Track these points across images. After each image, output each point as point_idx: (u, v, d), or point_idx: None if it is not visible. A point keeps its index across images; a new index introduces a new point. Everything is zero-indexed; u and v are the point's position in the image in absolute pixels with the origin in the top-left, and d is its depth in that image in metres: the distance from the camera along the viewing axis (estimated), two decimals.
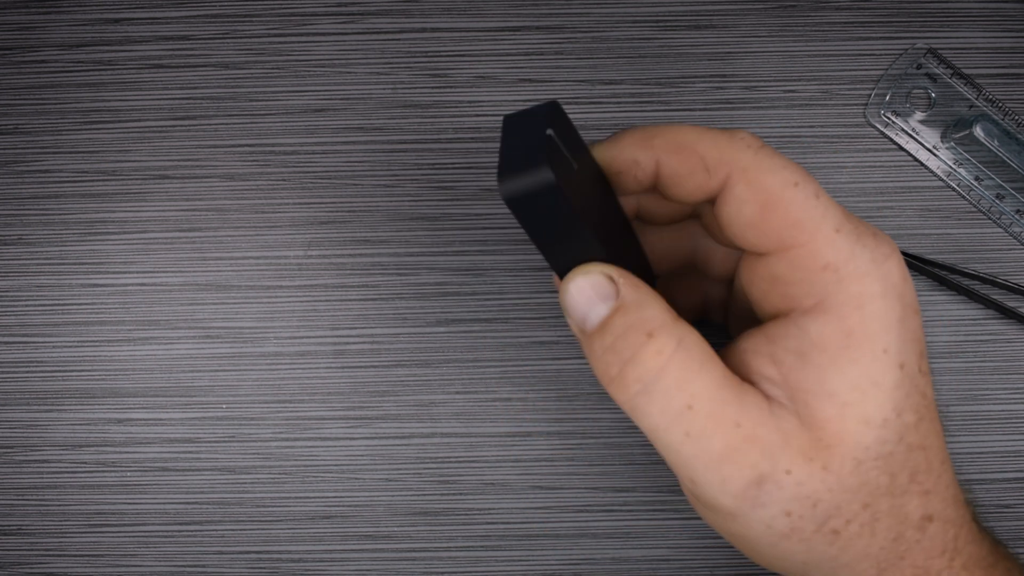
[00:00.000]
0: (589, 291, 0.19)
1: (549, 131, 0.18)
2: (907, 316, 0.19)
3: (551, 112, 0.19)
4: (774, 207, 0.19)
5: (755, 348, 0.20)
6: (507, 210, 0.30)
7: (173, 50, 0.30)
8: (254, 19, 0.30)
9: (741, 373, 0.20)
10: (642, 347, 0.19)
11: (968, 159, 0.30)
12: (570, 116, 0.30)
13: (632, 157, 0.20)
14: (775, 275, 0.19)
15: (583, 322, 0.20)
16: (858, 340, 0.18)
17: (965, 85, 0.30)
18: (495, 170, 0.30)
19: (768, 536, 0.19)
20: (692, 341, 0.19)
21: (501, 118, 0.30)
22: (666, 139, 0.20)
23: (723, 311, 0.26)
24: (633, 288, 0.19)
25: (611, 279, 0.19)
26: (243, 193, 0.30)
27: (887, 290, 0.18)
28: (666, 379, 0.19)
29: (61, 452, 0.30)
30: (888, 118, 0.30)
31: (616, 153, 0.21)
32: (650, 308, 0.19)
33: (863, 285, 0.18)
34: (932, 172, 0.30)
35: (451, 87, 0.30)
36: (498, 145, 0.30)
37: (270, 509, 0.30)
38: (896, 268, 0.19)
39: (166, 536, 0.30)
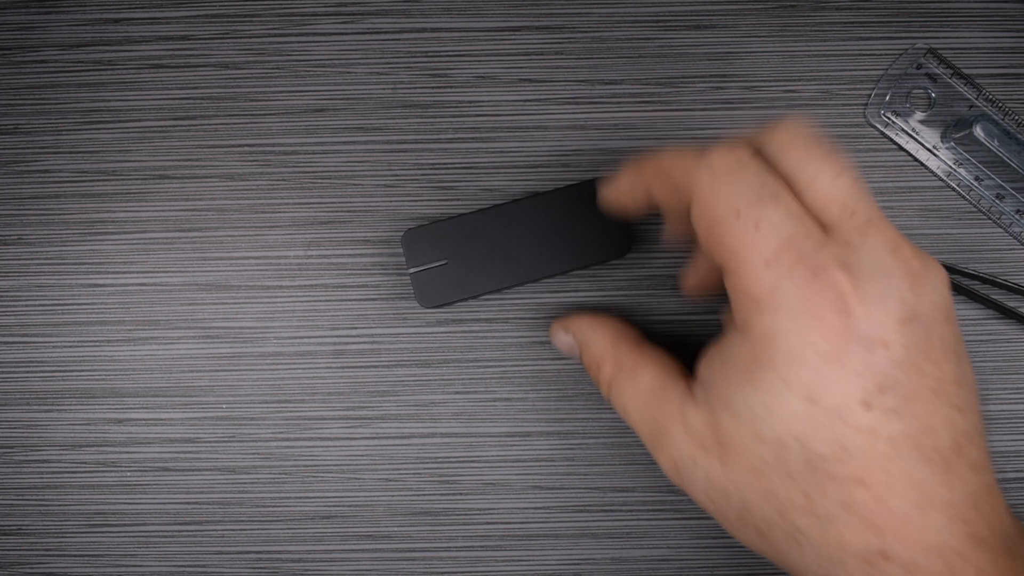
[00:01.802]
0: (561, 346, 0.28)
1: (411, 270, 0.28)
2: (843, 351, 0.19)
3: (406, 246, 0.28)
4: (716, 233, 0.21)
5: (707, 351, 0.23)
6: None
7: (173, 50, 0.30)
8: (254, 19, 0.30)
9: (698, 371, 0.23)
10: (598, 373, 0.26)
11: (968, 159, 0.30)
12: (569, 115, 0.30)
13: (628, 190, 0.25)
14: (727, 289, 0.22)
15: (572, 357, 0.29)
16: (761, 368, 0.20)
17: (965, 85, 0.30)
18: (495, 170, 0.30)
19: (711, 514, 0.23)
20: (626, 360, 0.25)
21: (501, 119, 0.30)
22: (651, 166, 0.23)
23: None
24: (581, 332, 0.27)
25: (567, 331, 0.27)
26: (243, 193, 0.30)
27: (805, 326, 0.19)
28: (613, 391, 0.25)
29: (61, 452, 0.30)
30: (888, 118, 0.30)
31: (615, 190, 0.25)
32: (595, 345, 0.26)
33: (777, 320, 0.19)
34: (932, 172, 0.30)
35: (451, 87, 0.30)
36: (498, 145, 0.30)
37: (270, 509, 0.30)
38: (828, 304, 0.19)
39: (166, 536, 0.30)
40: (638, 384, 0.24)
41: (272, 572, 0.30)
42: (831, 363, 0.19)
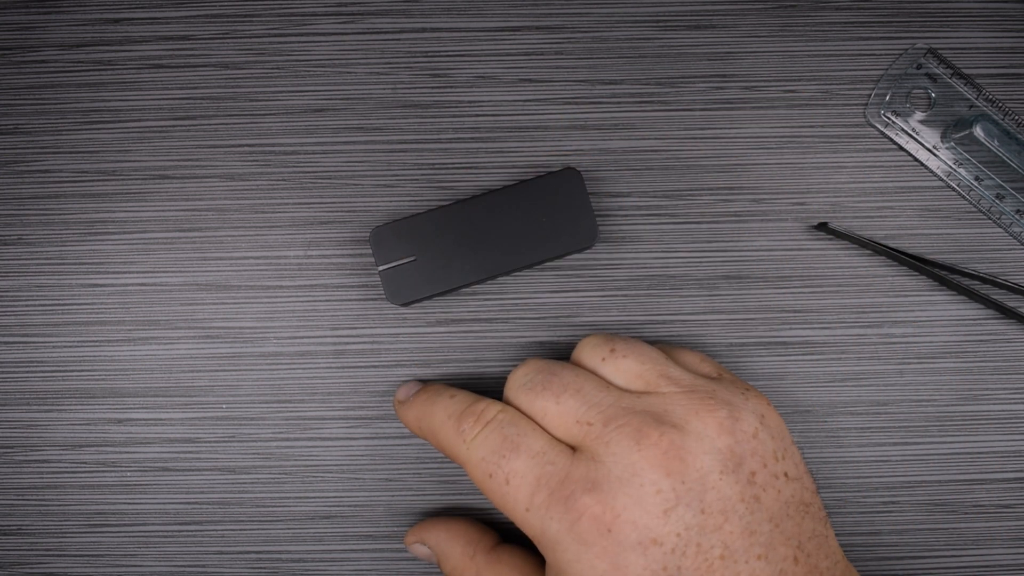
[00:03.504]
0: (419, 556, 0.29)
1: (380, 268, 0.28)
2: (620, 563, 0.20)
3: (374, 244, 0.28)
4: (486, 493, 0.23)
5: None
6: None
7: (173, 50, 0.30)
8: (254, 19, 0.30)
9: None
10: None
11: (968, 159, 0.30)
12: (569, 115, 0.30)
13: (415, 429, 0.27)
14: None
15: (431, 564, 0.30)
16: None
17: (965, 85, 0.30)
18: (495, 170, 0.30)
19: None
20: (486, 570, 0.26)
21: (501, 119, 0.30)
22: (425, 421, 0.26)
23: None
24: (437, 545, 0.28)
25: (423, 543, 0.28)
26: (243, 193, 0.30)
27: (580, 552, 0.20)
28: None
29: (61, 452, 0.30)
30: (888, 118, 0.30)
31: (406, 417, 0.27)
32: (451, 559, 0.27)
33: (556, 553, 0.21)
34: (932, 172, 0.30)
35: (451, 87, 0.30)
36: (498, 145, 0.30)
37: (270, 509, 0.30)
38: (589, 527, 0.20)
39: (166, 536, 0.30)
40: None
41: (272, 572, 0.30)
42: (617, 570, 0.20)
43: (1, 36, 0.30)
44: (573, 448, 0.22)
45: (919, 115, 0.30)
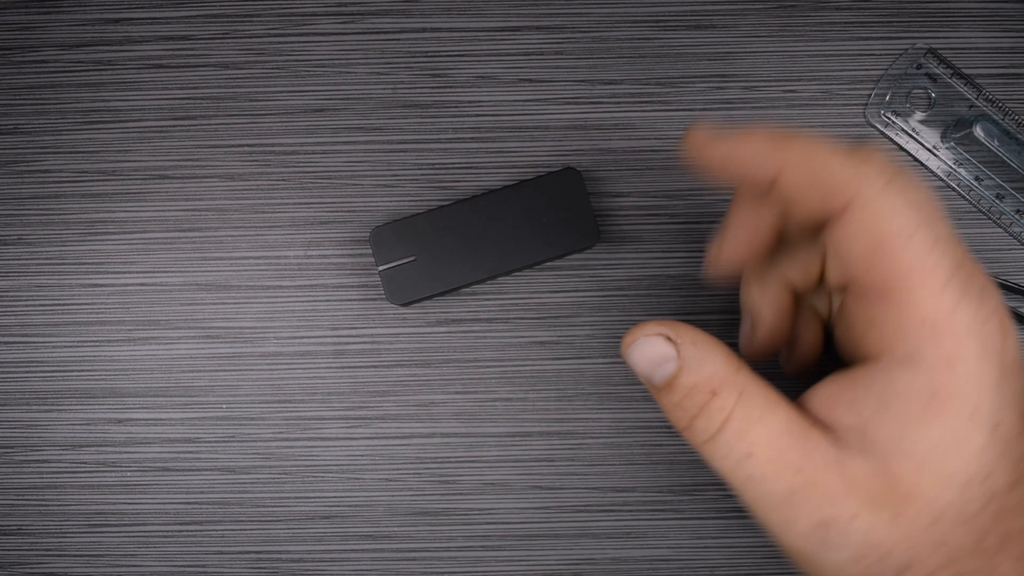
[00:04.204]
0: (651, 355, 0.21)
1: (380, 268, 0.27)
2: (1006, 378, 0.18)
3: (374, 244, 0.28)
4: (887, 250, 0.18)
5: (837, 392, 0.20)
6: None
7: (173, 50, 0.30)
8: (254, 19, 0.30)
9: (820, 416, 0.20)
10: (707, 405, 0.20)
11: (968, 159, 0.30)
12: (569, 115, 0.30)
13: (751, 161, 0.20)
14: (872, 318, 0.19)
15: (649, 379, 0.21)
16: (944, 399, 0.18)
17: (965, 85, 0.30)
18: (495, 170, 0.30)
19: None
20: (753, 390, 0.20)
21: (501, 119, 0.30)
22: (799, 148, 0.20)
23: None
24: (692, 346, 0.20)
25: (669, 339, 0.20)
26: (243, 193, 0.30)
27: (984, 352, 0.18)
28: (728, 430, 0.20)
29: (61, 452, 0.30)
30: (888, 118, 0.30)
31: (742, 149, 0.20)
32: (710, 364, 0.20)
33: (959, 345, 0.18)
34: (932, 172, 0.30)
35: (451, 87, 0.30)
36: (498, 145, 0.30)
37: (270, 509, 0.30)
38: (997, 329, 0.18)
39: (166, 536, 0.30)
40: (771, 424, 0.19)
41: (272, 572, 0.30)
42: (1002, 389, 0.18)
43: (1, 36, 0.30)
44: None
45: (919, 115, 0.30)
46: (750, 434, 0.19)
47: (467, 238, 0.28)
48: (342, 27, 0.30)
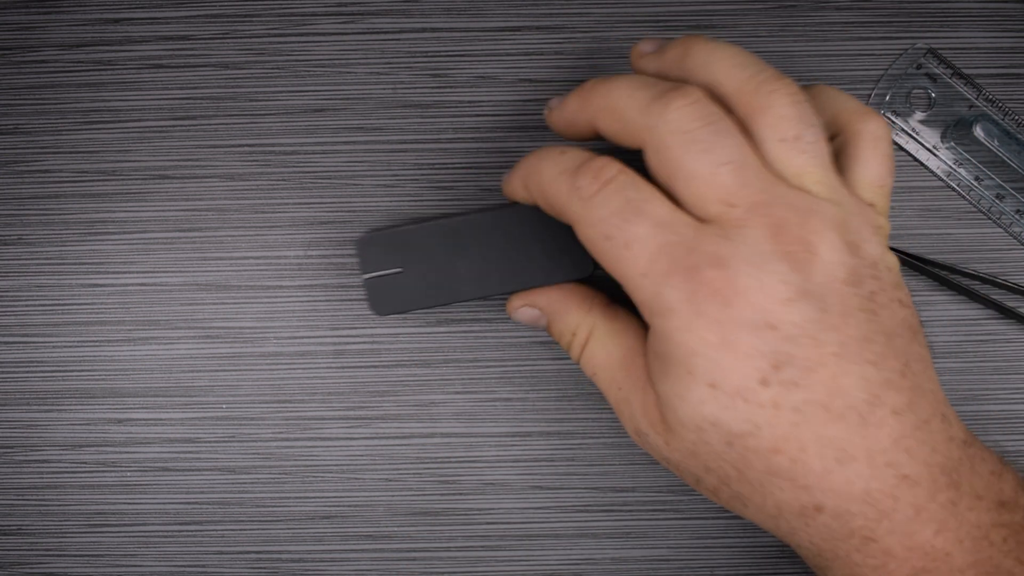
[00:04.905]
0: (526, 320, 0.27)
1: (364, 276, 0.27)
2: (731, 339, 0.20)
3: (360, 252, 0.27)
4: (598, 256, 0.23)
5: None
6: None
7: (173, 50, 0.30)
8: (254, 19, 0.30)
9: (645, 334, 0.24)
10: (571, 341, 0.26)
11: (968, 159, 0.30)
12: None
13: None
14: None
15: (535, 327, 0.29)
16: (666, 363, 0.22)
17: (965, 85, 0.30)
18: (495, 170, 0.30)
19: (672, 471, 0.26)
20: (600, 328, 0.25)
21: (501, 119, 0.30)
22: (532, 182, 0.24)
23: None
24: (548, 306, 0.26)
25: (533, 306, 0.27)
26: (243, 193, 0.30)
27: (692, 322, 0.21)
28: (583, 357, 0.26)
29: (61, 452, 0.30)
30: (888, 118, 0.30)
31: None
32: (567, 316, 0.26)
33: (666, 320, 0.21)
34: (932, 172, 0.30)
35: (451, 87, 0.30)
36: (498, 145, 0.30)
37: (270, 509, 0.30)
38: (708, 299, 0.20)
39: (166, 536, 0.30)
40: (610, 350, 0.25)
41: (272, 572, 0.30)
42: (723, 351, 0.20)
43: (1, 36, 0.30)
44: (698, 219, 0.21)
45: (919, 115, 0.30)
46: (594, 359, 0.25)
47: (459, 256, 0.27)
48: (342, 27, 0.30)
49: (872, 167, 0.23)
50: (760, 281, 0.20)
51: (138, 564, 0.30)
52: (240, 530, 0.30)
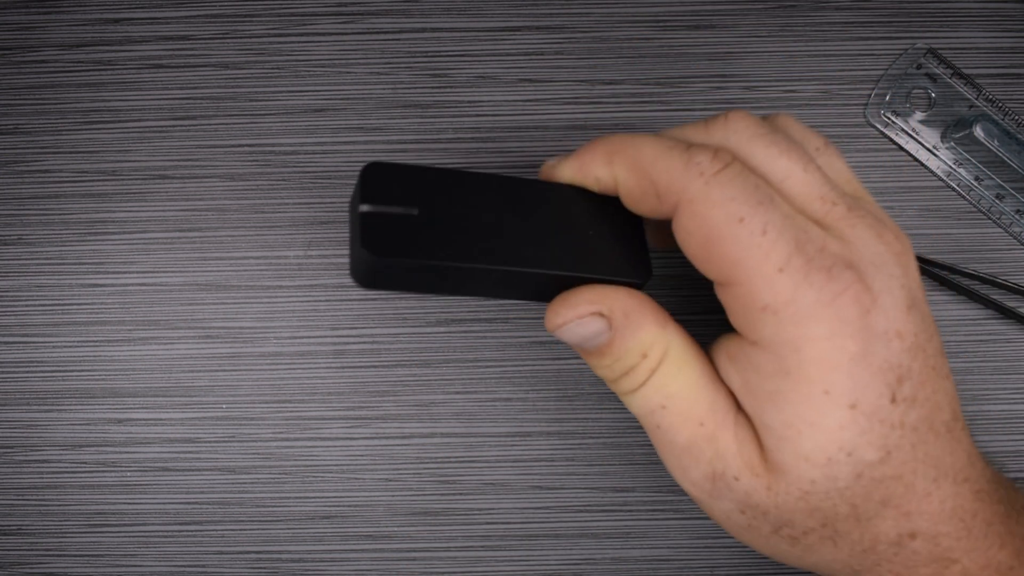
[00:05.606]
0: (584, 334, 0.21)
1: (363, 207, 0.19)
2: (868, 351, 0.18)
3: (366, 180, 0.20)
4: (716, 243, 0.19)
5: (731, 351, 0.20)
6: None
7: (173, 50, 0.30)
8: (254, 19, 0.30)
9: (719, 367, 0.21)
10: (635, 367, 0.21)
11: (968, 159, 0.30)
12: (569, 115, 0.30)
13: (594, 175, 0.21)
14: (725, 303, 0.20)
15: (580, 346, 0.21)
16: (794, 382, 0.19)
17: (965, 85, 0.30)
18: (495, 170, 0.30)
19: (729, 525, 0.21)
20: (676, 346, 0.21)
21: (501, 119, 0.30)
22: (625, 157, 0.20)
23: None
24: (623, 316, 0.21)
25: (601, 314, 0.21)
26: (243, 193, 0.30)
27: (834, 330, 0.18)
28: (649, 385, 0.21)
29: (61, 452, 0.30)
30: (888, 118, 0.30)
31: (578, 170, 0.22)
32: (642, 331, 0.21)
33: (802, 328, 0.18)
34: (932, 172, 0.30)
35: (451, 87, 0.30)
36: (498, 145, 0.30)
37: (270, 509, 0.30)
38: (851, 303, 0.18)
39: (166, 536, 0.30)
40: (687, 379, 0.20)
41: (272, 572, 0.30)
42: (861, 365, 0.18)
43: (1, 36, 0.30)
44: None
45: (919, 115, 0.30)
46: (667, 388, 0.20)
47: (497, 214, 0.21)
48: (342, 27, 0.30)
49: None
50: (888, 285, 0.19)
51: (138, 564, 0.30)
52: (240, 530, 0.30)
